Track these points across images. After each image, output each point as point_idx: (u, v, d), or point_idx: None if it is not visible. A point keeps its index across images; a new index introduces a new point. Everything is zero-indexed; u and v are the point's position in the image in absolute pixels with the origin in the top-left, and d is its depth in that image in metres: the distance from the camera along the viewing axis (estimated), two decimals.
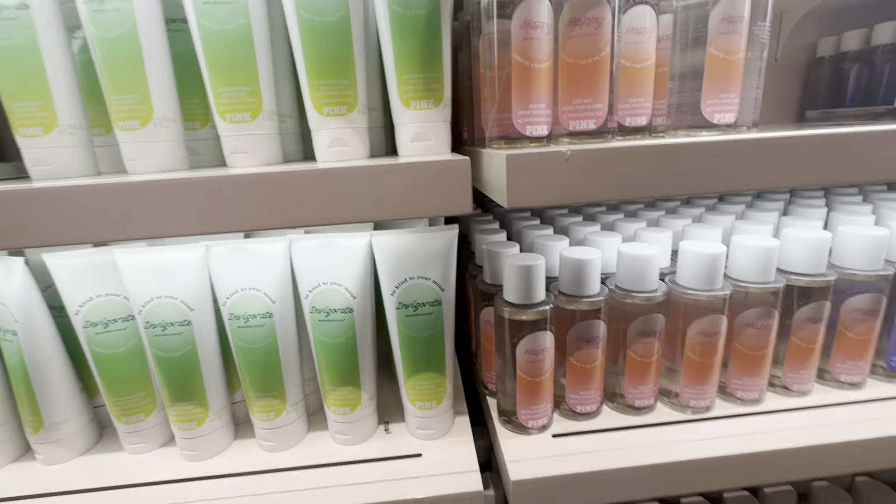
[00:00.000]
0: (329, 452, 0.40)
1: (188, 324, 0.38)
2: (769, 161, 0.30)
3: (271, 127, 0.37)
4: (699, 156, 0.29)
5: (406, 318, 0.38)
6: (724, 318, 0.40)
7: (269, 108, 0.36)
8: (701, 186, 0.29)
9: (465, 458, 0.39)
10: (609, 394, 0.44)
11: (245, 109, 0.36)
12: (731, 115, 0.37)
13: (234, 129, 0.36)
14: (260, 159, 0.37)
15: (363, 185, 0.28)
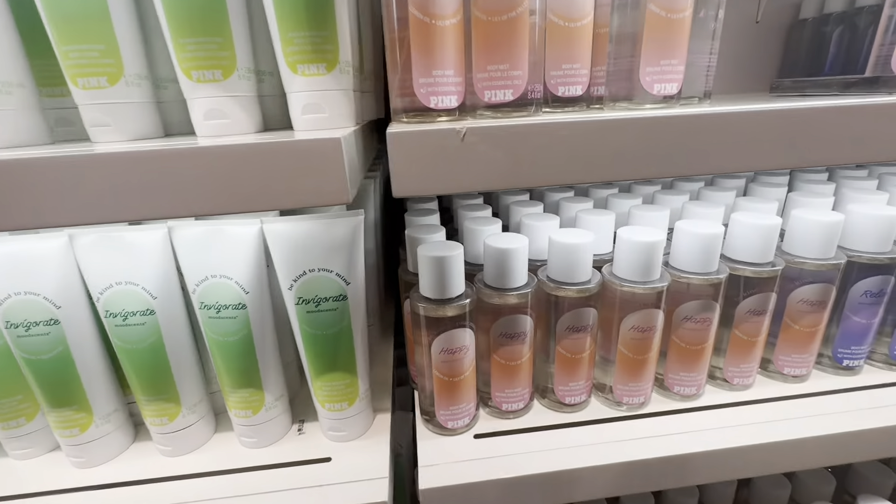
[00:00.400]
0: (233, 457, 0.37)
1: (56, 323, 0.33)
2: (701, 141, 0.26)
3: (140, 94, 0.32)
4: (617, 135, 0.25)
5: (308, 315, 0.34)
6: (660, 312, 0.37)
7: (132, 72, 0.31)
8: (618, 172, 0.25)
9: (377, 463, 0.36)
10: (540, 389, 0.41)
11: (101, 73, 0.30)
12: (674, 86, 0.32)
13: (90, 95, 0.30)
14: (127, 133, 0.31)
15: (203, 171, 0.23)
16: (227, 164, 0.23)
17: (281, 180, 0.23)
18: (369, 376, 0.39)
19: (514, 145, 0.25)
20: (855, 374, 0.43)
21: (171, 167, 0.22)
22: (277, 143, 0.23)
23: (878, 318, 0.41)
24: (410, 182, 0.25)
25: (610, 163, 0.26)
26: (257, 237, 0.33)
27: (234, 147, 0.23)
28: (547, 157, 0.25)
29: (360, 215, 0.33)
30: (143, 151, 0.22)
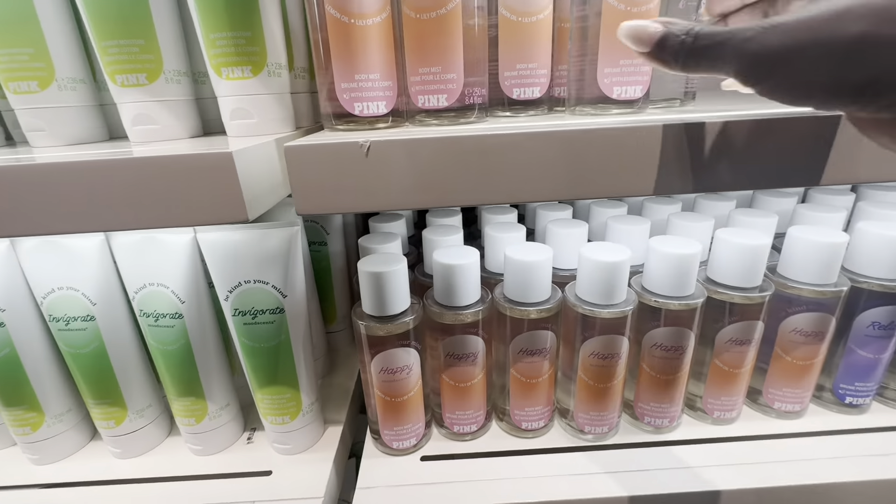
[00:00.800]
0: (179, 463, 0.37)
1: (2, 325, 0.33)
2: (627, 158, 0.22)
3: (75, 98, 0.31)
4: (529, 150, 0.22)
5: (245, 327, 0.33)
6: (624, 339, 0.33)
7: (65, 75, 0.30)
8: (533, 192, 0.22)
9: (316, 481, 0.34)
10: (498, 410, 0.39)
11: (32, 78, 0.29)
12: (638, 88, 0.28)
13: (22, 100, 0.30)
14: (62, 137, 0.31)
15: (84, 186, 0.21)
16: (113, 178, 0.21)
17: (172, 198, 0.21)
18: (316, 391, 0.37)
19: (423, 161, 0.22)
20: (861, 412, 0.38)
21: (50, 181, 0.21)
22: (166, 158, 0.21)
23: (888, 352, 0.36)
24: (313, 199, 0.23)
25: (523, 180, 0.23)
26: (191, 245, 0.32)
27: (117, 161, 0.22)
28: (455, 175, 0.22)
29: (296, 226, 0.32)
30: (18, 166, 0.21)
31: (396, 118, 0.28)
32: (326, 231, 0.46)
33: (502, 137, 0.22)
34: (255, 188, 0.23)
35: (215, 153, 0.21)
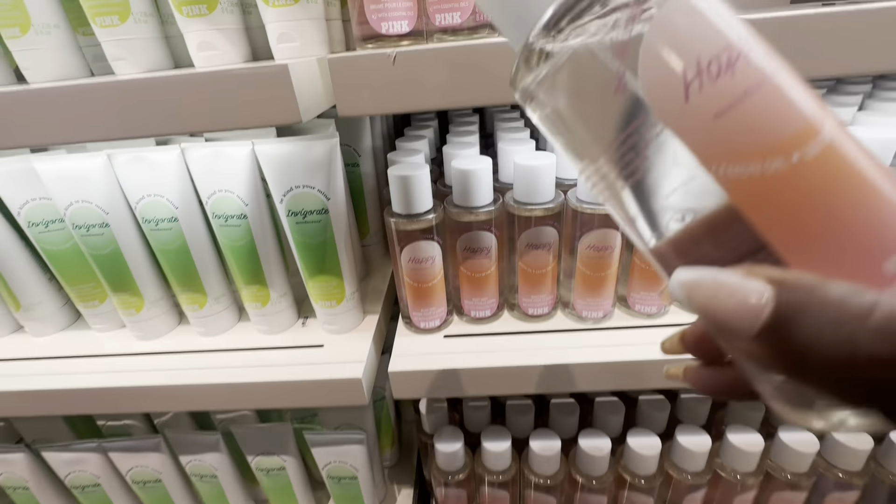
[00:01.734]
0: (249, 340, 0.46)
1: (106, 226, 0.42)
2: None
3: (147, 30, 0.37)
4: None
5: (297, 226, 0.40)
6: (617, 233, 0.38)
7: (139, 10, 0.36)
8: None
9: (359, 351, 0.43)
10: (509, 303, 0.46)
11: (114, 13, 0.35)
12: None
13: (107, 33, 0.35)
14: (140, 65, 0.37)
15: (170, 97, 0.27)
16: (193, 90, 0.27)
17: (241, 104, 0.27)
18: (357, 281, 0.45)
19: (443, 67, 0.27)
20: None
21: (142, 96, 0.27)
22: (235, 72, 0.27)
23: None
24: (352, 103, 0.28)
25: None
26: (251, 157, 0.39)
27: (196, 76, 0.27)
28: (466, 80, 0.27)
29: (335, 137, 0.38)
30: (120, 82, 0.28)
31: (417, 37, 0.33)
32: (358, 153, 0.52)
33: (502, 46, 0.26)
34: (304, 96, 0.29)
35: (275, 66, 0.27)
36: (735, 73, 0.14)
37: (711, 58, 0.14)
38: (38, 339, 0.50)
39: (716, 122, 0.14)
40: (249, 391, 0.41)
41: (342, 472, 0.52)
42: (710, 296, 0.13)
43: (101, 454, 0.53)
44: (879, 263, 0.13)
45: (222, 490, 0.55)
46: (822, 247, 0.13)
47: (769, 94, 0.14)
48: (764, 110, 0.14)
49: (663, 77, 0.15)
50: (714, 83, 0.14)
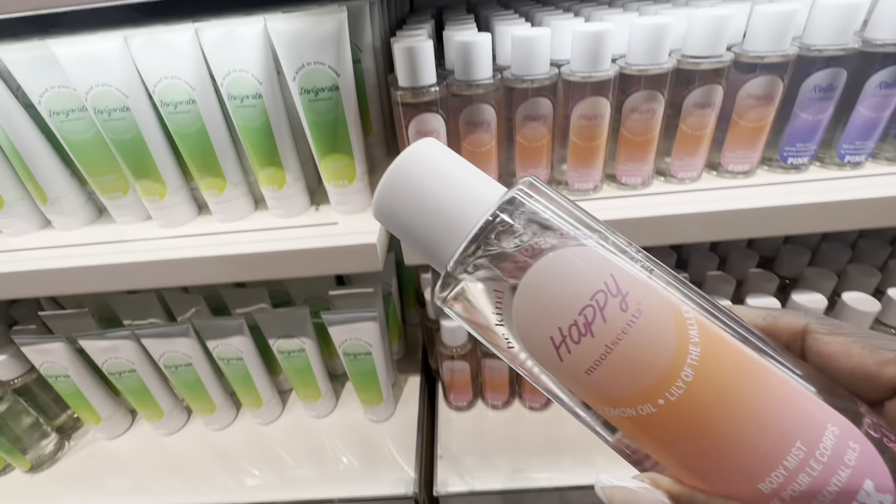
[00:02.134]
0: (267, 223, 0.50)
1: (127, 109, 0.44)
2: None
3: None
4: None
5: (310, 104, 0.43)
6: (606, 101, 0.42)
7: None
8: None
9: (372, 226, 0.47)
10: (507, 174, 0.49)
11: None
12: None
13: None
14: None
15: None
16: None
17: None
18: (366, 163, 0.48)
19: None
20: (800, 172, 0.47)
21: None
22: None
23: (826, 114, 0.44)
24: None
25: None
26: (263, 34, 0.41)
27: None
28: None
29: (343, 12, 0.40)
30: None
31: None
32: (360, 49, 0.53)
33: None
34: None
35: None
36: (594, 334, 0.16)
37: (571, 324, 0.16)
38: (65, 233, 0.53)
39: (588, 377, 0.16)
40: (269, 261, 0.45)
41: (357, 349, 0.58)
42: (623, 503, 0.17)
43: (134, 341, 0.58)
44: (755, 484, 0.15)
45: (248, 372, 0.61)
46: (705, 470, 0.15)
47: (630, 346, 0.15)
48: (626, 363, 0.15)
49: (537, 340, 0.17)
50: (578, 346, 0.16)
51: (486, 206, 0.18)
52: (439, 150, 0.20)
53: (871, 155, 0.47)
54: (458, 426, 0.64)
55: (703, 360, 0.15)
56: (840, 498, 0.14)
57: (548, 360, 0.17)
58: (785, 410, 0.15)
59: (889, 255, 0.61)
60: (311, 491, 0.58)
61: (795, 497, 0.14)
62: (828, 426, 0.15)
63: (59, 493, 0.62)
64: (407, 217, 0.19)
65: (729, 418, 0.15)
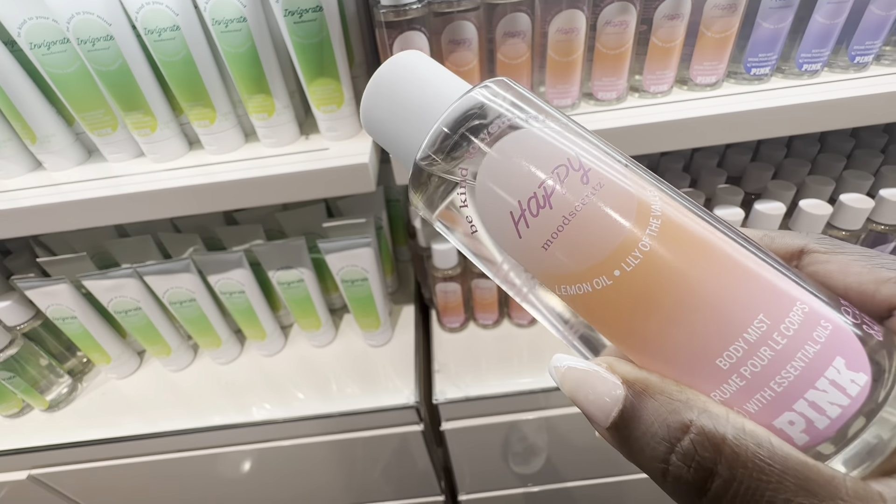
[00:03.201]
0: (259, 152, 0.51)
1: (111, 38, 0.44)
2: None
3: None
4: None
5: (294, 25, 0.44)
6: (582, 14, 0.44)
7: None
8: None
9: (363, 147, 0.49)
10: None
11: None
12: None
13: None
14: None
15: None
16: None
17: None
18: (353, 87, 0.49)
19: None
20: (763, 82, 0.51)
21: None
22: None
23: (786, 23, 0.46)
24: None
25: None
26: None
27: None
28: None
29: None
30: None
31: None
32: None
33: None
34: None
35: None
36: (552, 206, 0.15)
37: (531, 196, 0.16)
38: (57, 173, 0.54)
39: (545, 252, 0.16)
40: (262, 186, 0.47)
41: (354, 275, 0.61)
42: (574, 387, 0.15)
43: (137, 279, 0.60)
44: (713, 360, 0.14)
45: (250, 304, 0.64)
46: (661, 349, 0.15)
47: (588, 217, 0.15)
48: (581, 235, 0.15)
49: (497, 219, 0.17)
50: (536, 219, 0.16)
51: (452, 98, 0.19)
52: (422, 59, 0.20)
53: (826, 63, 0.50)
54: (452, 345, 0.69)
55: (664, 231, 0.15)
56: (807, 374, 0.13)
57: (507, 237, 0.17)
58: (748, 283, 0.14)
59: (844, 167, 0.66)
60: (319, 408, 0.63)
61: (756, 373, 0.13)
62: (797, 303, 0.14)
63: (79, 427, 0.65)
64: (387, 121, 0.20)
65: (686, 290, 0.14)
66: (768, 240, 0.18)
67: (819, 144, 0.71)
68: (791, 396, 0.13)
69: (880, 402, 0.13)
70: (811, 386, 0.13)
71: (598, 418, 0.15)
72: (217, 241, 0.67)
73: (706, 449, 0.12)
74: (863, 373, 0.13)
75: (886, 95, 0.46)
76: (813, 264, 0.17)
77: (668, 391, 0.14)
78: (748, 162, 0.69)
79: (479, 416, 0.65)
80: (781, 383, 0.13)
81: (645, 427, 0.14)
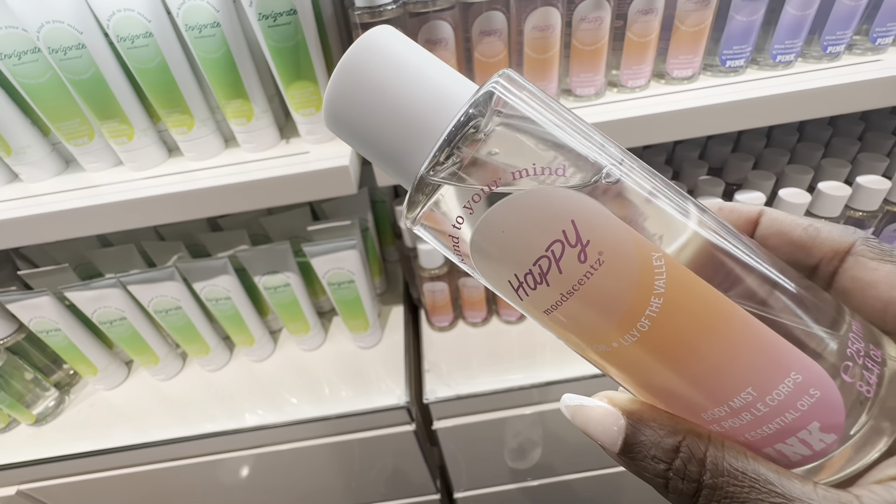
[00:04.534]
0: (239, 158, 0.51)
1: (83, 47, 0.44)
2: None
3: None
4: None
5: (269, 29, 0.43)
6: (556, 11, 0.44)
7: None
8: None
9: (343, 151, 0.49)
10: None
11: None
12: None
13: None
14: None
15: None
16: None
17: None
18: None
19: None
20: (738, 74, 0.51)
21: None
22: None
23: (759, 15, 0.47)
24: None
25: None
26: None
27: None
28: None
29: None
30: None
31: None
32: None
33: None
34: None
35: None
36: (549, 283, 0.15)
37: (526, 273, 0.16)
38: (34, 185, 0.53)
39: (547, 316, 0.16)
40: (243, 191, 0.47)
41: (341, 278, 0.61)
42: (584, 422, 0.17)
43: (120, 289, 0.60)
44: (698, 415, 0.16)
45: (237, 311, 0.64)
46: (653, 397, 0.17)
47: (587, 294, 0.15)
48: (584, 309, 0.15)
49: (496, 281, 0.17)
50: (535, 291, 0.16)
51: (458, 103, 0.16)
52: (399, 39, 0.18)
53: (800, 54, 0.50)
54: (441, 345, 0.69)
55: (665, 311, 0.15)
56: (779, 434, 0.15)
57: (508, 296, 0.17)
58: (744, 358, 0.15)
59: (822, 156, 0.67)
60: (310, 412, 0.63)
61: (734, 427, 0.15)
62: (791, 373, 0.14)
63: (67, 440, 0.65)
64: (364, 119, 0.17)
65: (680, 363, 0.15)
66: (813, 231, 0.18)
67: (798, 134, 0.72)
68: (760, 445, 0.15)
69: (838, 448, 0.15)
70: (781, 440, 0.15)
71: (609, 445, 0.17)
72: (202, 247, 0.67)
73: (693, 465, 0.15)
74: (834, 434, 0.15)
75: (859, 84, 0.46)
76: (857, 268, 0.16)
77: (659, 419, 0.16)
78: (729, 153, 0.70)
79: (471, 413, 0.65)
80: (755, 436, 0.15)
81: (646, 450, 0.16)
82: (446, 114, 0.16)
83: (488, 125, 0.16)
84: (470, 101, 0.16)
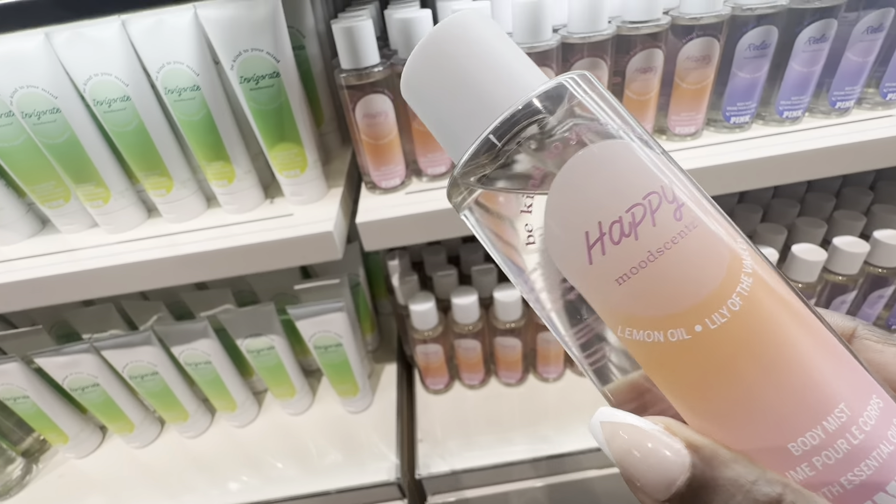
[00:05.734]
0: (221, 219, 0.48)
1: (58, 111, 0.42)
2: None
3: None
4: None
5: (251, 92, 0.42)
6: (551, 71, 0.42)
7: None
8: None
9: (328, 212, 0.46)
10: None
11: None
12: None
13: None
14: None
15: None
16: None
17: None
18: (317, 150, 0.47)
19: None
20: (743, 130, 0.49)
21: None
22: None
23: (762, 72, 0.45)
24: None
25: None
26: (194, 22, 0.39)
27: None
28: None
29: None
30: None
31: None
32: (302, 34, 0.52)
33: None
34: None
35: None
36: (638, 238, 0.13)
37: (615, 220, 0.13)
38: (8, 248, 0.50)
39: (618, 286, 0.14)
40: (224, 258, 0.44)
41: (328, 341, 0.57)
42: (626, 450, 0.13)
43: (94, 354, 0.56)
44: (785, 443, 0.12)
45: (218, 375, 0.60)
46: (730, 420, 0.13)
47: (677, 258, 0.13)
48: (667, 277, 0.13)
49: (567, 237, 0.14)
50: (617, 247, 0.13)
51: (528, 88, 0.15)
52: (485, 25, 0.17)
53: (807, 109, 0.48)
54: (436, 409, 0.65)
55: (755, 292, 0.13)
56: (879, 475, 0.12)
57: (574, 259, 0.14)
58: (833, 366, 0.13)
59: (834, 207, 0.64)
60: (294, 487, 0.58)
61: (829, 465, 0.12)
62: (873, 396, 0.13)
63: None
64: (437, 94, 0.16)
65: (773, 361, 0.13)
66: None
67: (807, 183, 0.69)
68: (860, 496, 0.12)
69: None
70: (881, 489, 0.12)
71: (657, 486, 0.12)
72: (184, 306, 0.63)
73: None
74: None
75: (870, 143, 0.44)
76: (866, 351, 0.16)
77: (741, 461, 0.12)
78: (735, 204, 0.67)
79: (468, 487, 0.60)
80: (853, 481, 0.12)
81: (723, 499, 0.12)
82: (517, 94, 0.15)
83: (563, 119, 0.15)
84: (541, 88, 0.15)
